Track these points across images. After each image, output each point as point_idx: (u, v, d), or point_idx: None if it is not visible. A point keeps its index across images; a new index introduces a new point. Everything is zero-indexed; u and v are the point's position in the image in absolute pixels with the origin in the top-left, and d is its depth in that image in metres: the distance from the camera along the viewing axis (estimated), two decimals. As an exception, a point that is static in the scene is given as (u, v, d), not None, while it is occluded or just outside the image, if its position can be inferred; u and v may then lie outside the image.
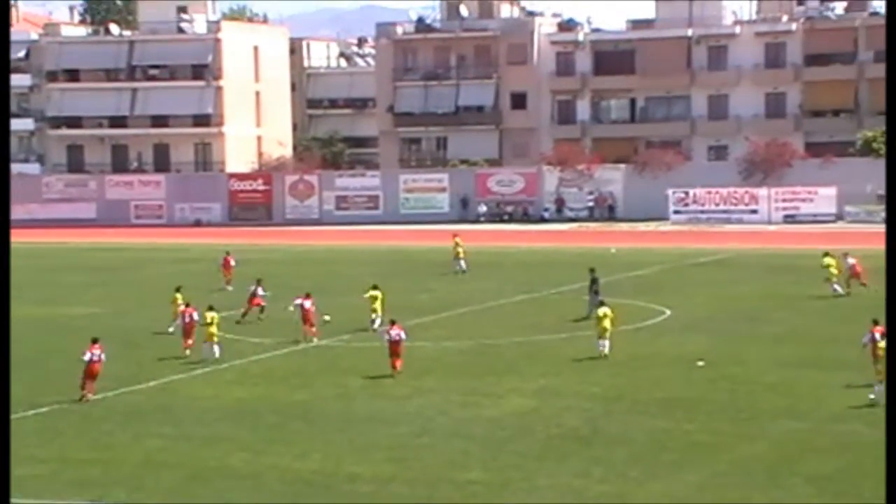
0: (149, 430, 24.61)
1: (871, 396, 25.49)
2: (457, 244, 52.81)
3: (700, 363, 30.27)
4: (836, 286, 41.80)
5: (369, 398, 27.32)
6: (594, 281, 38.64)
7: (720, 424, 24.17)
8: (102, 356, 27.79)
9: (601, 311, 32.09)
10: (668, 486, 20.17)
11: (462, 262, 51.64)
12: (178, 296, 36.49)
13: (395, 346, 29.74)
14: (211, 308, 32.60)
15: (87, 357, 27.43)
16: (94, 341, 27.95)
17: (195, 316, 33.02)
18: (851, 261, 42.37)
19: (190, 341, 32.75)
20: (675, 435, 23.33)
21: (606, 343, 31.41)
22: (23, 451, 22.97)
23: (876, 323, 26.87)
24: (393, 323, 30.67)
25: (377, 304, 36.28)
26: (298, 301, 34.96)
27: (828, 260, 42.18)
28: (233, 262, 47.76)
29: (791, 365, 29.93)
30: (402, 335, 29.97)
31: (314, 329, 34.80)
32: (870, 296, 39.20)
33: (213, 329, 31.93)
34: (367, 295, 36.81)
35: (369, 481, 20.77)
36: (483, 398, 26.99)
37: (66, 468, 21.93)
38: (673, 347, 32.82)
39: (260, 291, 39.28)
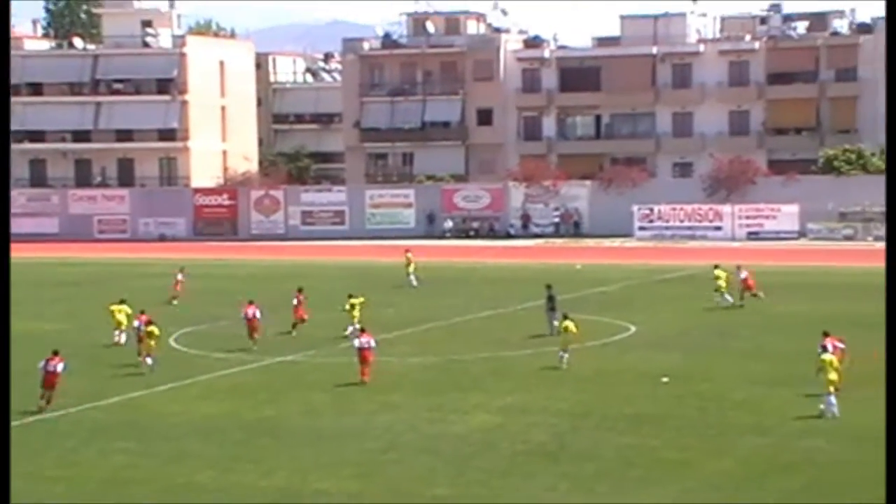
0: (114, 446, 24.42)
1: (822, 407, 25.90)
2: (408, 259, 53.09)
3: (665, 379, 30.37)
4: (727, 296, 43.82)
5: (336, 414, 27.24)
6: (551, 298, 38.75)
7: (688, 440, 24.26)
8: (59, 367, 27.76)
9: (566, 323, 32.49)
10: (635, 503, 20.21)
11: (412, 278, 51.82)
12: (124, 307, 37.13)
13: (364, 354, 30.33)
14: (150, 322, 33.35)
15: (41, 365, 27.57)
16: (55, 353, 27.99)
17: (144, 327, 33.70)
18: (744, 274, 44.94)
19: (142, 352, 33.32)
20: (643, 451, 23.40)
21: (566, 356, 31.98)
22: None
23: (826, 334, 28.31)
24: (362, 331, 31.25)
25: (356, 312, 37.23)
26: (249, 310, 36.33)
27: (718, 272, 44.50)
28: (180, 278, 48.03)
29: (758, 381, 30.10)
30: (372, 343, 30.64)
31: (256, 336, 35.97)
32: (845, 313, 39.56)
33: (153, 342, 32.70)
34: (348, 305, 37.65)
35: (336, 497, 20.71)
36: (450, 414, 26.97)
37: (31, 485, 21.71)
38: (640, 363, 32.92)
39: (295, 301, 39.31)
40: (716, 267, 45.45)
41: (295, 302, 39.45)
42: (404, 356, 34.59)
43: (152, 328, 33.09)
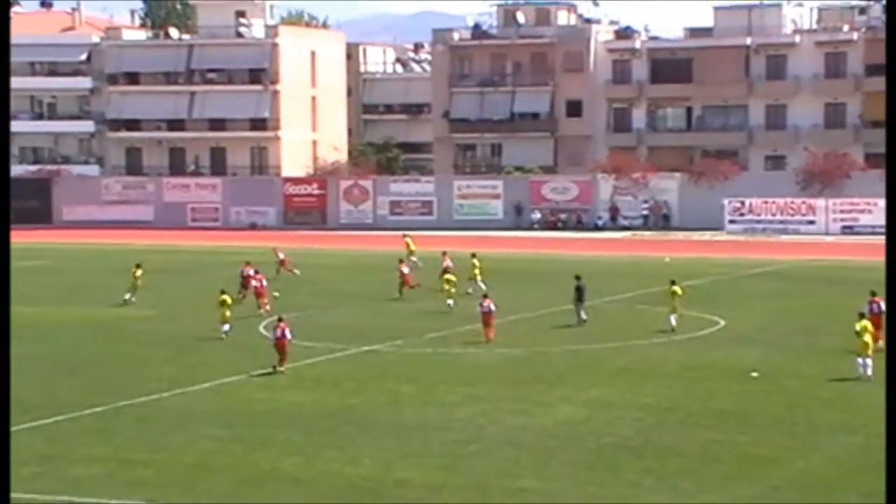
0: (202, 432, 24.79)
1: (860, 371, 28.75)
2: (408, 245, 54.58)
3: (754, 374, 29.99)
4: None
5: (420, 405, 27.34)
6: (579, 289, 38.70)
7: (774, 438, 23.92)
8: (287, 332, 30.53)
9: (673, 288, 36.90)
10: (720, 499, 19.99)
11: (416, 261, 52.07)
12: (226, 297, 37.87)
13: (487, 317, 35.09)
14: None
15: (271, 332, 30.25)
16: (280, 319, 31.22)
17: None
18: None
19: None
20: (729, 447, 23.13)
21: (673, 318, 36.35)
22: (79, 451, 23.27)
23: (874, 294, 32.73)
24: (485, 297, 35.83)
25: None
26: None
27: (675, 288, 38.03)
28: (250, 272, 46.48)
29: (848, 379, 29.56)
30: (493, 307, 35.16)
31: (265, 301, 40.98)
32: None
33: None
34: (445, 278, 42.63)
35: (418, 487, 20.78)
36: (534, 406, 26.91)
37: (121, 468, 22.14)
38: (727, 359, 32.54)
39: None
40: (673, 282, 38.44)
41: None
42: (490, 347, 34.59)
43: (224, 297, 36.77)
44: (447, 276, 43.04)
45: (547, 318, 40.89)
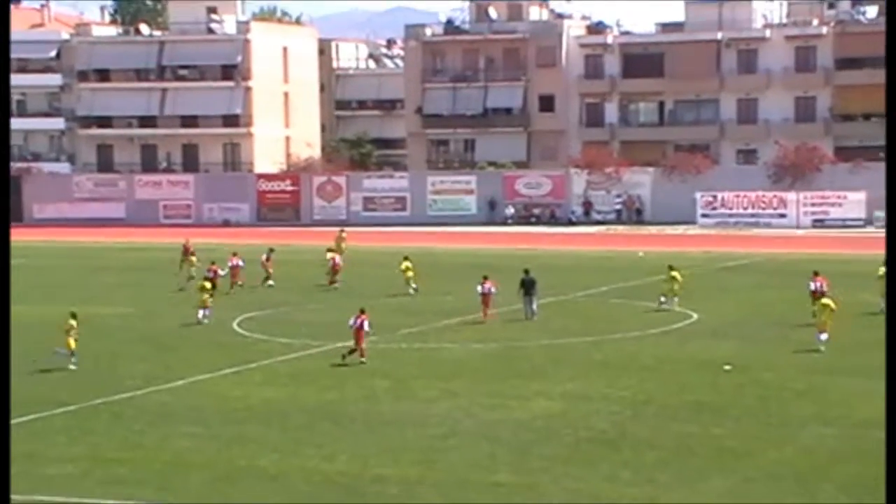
0: (178, 429, 24.71)
1: (822, 348, 31.81)
2: (340, 239, 56.09)
3: (727, 367, 30.16)
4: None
5: (397, 400, 27.36)
6: (525, 282, 38.86)
7: (749, 430, 24.07)
8: (365, 324, 31.27)
9: (672, 274, 39.98)
10: (696, 492, 20.11)
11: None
12: (206, 283, 39.81)
13: (485, 298, 37.89)
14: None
15: (351, 323, 31.36)
16: (362, 311, 31.71)
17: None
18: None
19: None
20: (704, 440, 23.26)
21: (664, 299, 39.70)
22: (53, 450, 23.15)
23: (816, 273, 37.23)
24: (485, 278, 38.35)
25: (410, 274, 45.26)
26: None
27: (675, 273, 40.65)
28: (221, 272, 46.53)
29: (821, 371, 29.78)
30: (493, 290, 38.09)
31: (239, 282, 46.00)
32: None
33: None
34: (402, 266, 45.21)
35: (396, 483, 20.80)
36: (510, 401, 26.97)
37: (96, 467, 22.05)
38: (701, 352, 32.71)
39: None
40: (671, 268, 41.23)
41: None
42: (465, 342, 34.65)
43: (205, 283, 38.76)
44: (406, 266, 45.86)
45: (521, 312, 40.91)
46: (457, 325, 37.73)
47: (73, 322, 31.81)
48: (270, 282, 48.36)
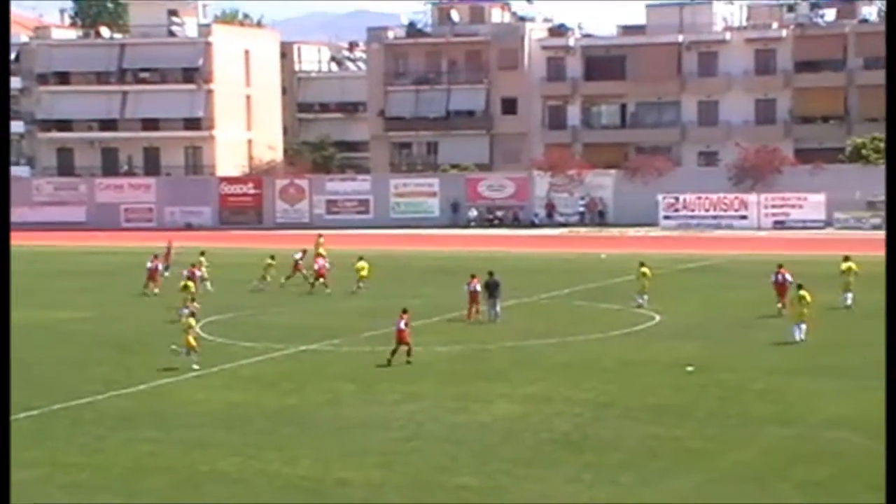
0: (139, 434, 24.56)
1: (798, 337, 33.27)
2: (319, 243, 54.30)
3: (689, 368, 30.32)
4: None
5: (359, 403, 27.32)
6: (489, 284, 38.94)
7: (711, 431, 24.21)
8: (402, 324, 31.51)
9: (643, 270, 41.05)
10: (659, 493, 20.20)
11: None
12: (189, 283, 40.68)
13: (473, 296, 38.58)
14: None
15: (396, 322, 31.77)
16: (404, 311, 32.05)
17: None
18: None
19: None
20: (666, 441, 23.37)
21: (645, 298, 40.73)
22: (13, 455, 22.88)
23: (780, 266, 39.01)
24: (473, 277, 38.93)
25: (364, 273, 46.44)
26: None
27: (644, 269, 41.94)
28: (159, 266, 48.24)
29: (781, 371, 30.00)
30: (478, 287, 38.57)
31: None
32: (864, 303, 39.41)
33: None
34: (356, 265, 46.42)
35: (359, 486, 20.77)
36: (473, 403, 27.00)
37: (56, 472, 21.89)
38: (663, 353, 32.86)
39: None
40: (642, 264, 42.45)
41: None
42: (429, 345, 34.61)
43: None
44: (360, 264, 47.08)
45: (484, 314, 40.96)
46: (421, 328, 37.68)
47: (192, 321, 32.42)
48: (314, 280, 48.29)
